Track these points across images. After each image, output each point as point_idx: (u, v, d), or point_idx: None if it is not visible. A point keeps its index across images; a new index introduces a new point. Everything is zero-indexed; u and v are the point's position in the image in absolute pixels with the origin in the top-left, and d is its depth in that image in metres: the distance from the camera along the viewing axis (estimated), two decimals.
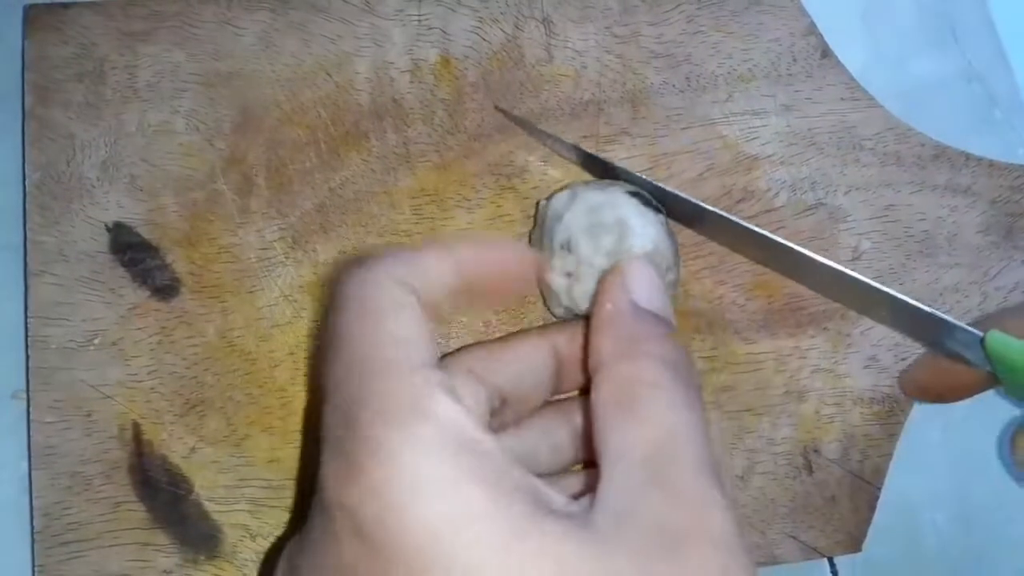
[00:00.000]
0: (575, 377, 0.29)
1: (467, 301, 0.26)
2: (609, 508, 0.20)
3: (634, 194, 0.30)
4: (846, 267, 0.31)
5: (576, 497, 0.22)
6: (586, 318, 0.28)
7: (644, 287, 0.26)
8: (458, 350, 0.29)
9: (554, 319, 0.32)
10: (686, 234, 0.33)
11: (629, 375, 0.23)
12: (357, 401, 0.20)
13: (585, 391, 0.29)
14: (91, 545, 0.30)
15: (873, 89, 0.36)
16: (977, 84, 0.39)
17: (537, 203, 0.33)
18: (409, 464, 0.19)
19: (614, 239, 0.29)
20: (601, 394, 0.23)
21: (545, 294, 0.31)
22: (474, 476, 0.19)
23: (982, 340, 0.29)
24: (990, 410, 0.36)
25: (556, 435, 0.29)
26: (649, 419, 0.22)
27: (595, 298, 0.28)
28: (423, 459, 0.19)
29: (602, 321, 0.26)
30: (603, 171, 0.33)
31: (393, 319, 0.22)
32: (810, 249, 0.34)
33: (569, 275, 0.29)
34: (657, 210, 0.30)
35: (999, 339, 0.29)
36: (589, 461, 0.30)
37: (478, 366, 0.27)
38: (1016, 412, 0.36)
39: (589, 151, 0.34)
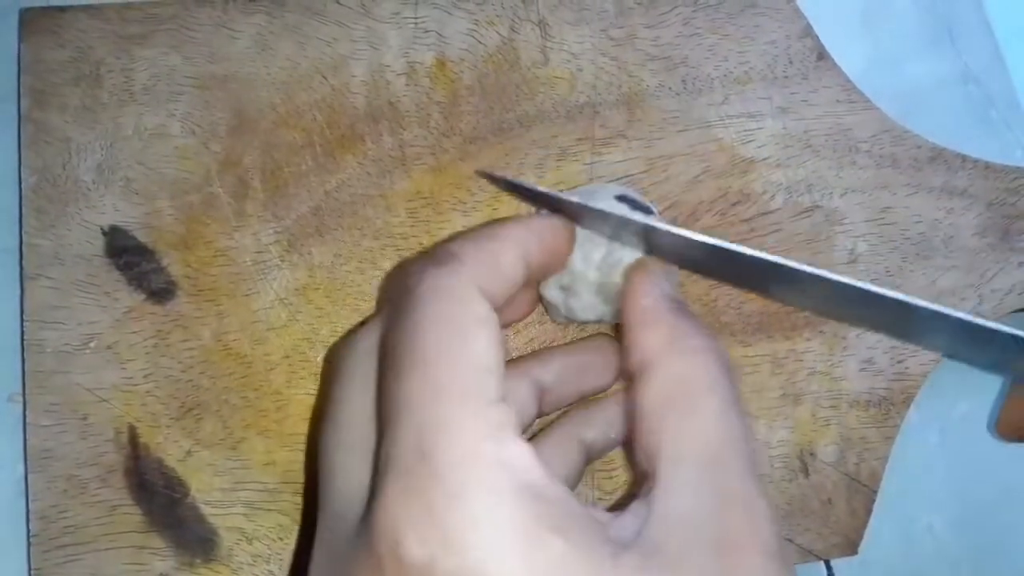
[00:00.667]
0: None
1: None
2: (668, 516, 0.20)
3: (621, 198, 0.30)
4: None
5: (613, 508, 0.21)
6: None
7: (669, 285, 0.26)
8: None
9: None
10: None
11: (683, 373, 0.22)
12: (434, 433, 0.19)
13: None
14: (87, 548, 0.30)
15: (870, 91, 0.36)
16: (974, 86, 0.39)
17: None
18: (490, 516, 0.18)
19: (603, 252, 0.28)
20: (652, 393, 0.22)
21: (544, 304, 0.31)
22: (552, 526, 0.19)
23: None
24: (987, 413, 0.37)
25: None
26: (706, 423, 0.21)
27: (622, 296, 0.27)
28: (504, 511, 0.19)
29: (643, 317, 0.24)
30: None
31: (477, 340, 0.21)
32: (807, 252, 0.35)
33: (564, 289, 0.29)
34: (647, 211, 0.30)
35: None
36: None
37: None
38: None
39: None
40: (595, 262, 0.28)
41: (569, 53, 0.35)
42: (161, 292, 0.32)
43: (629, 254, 0.28)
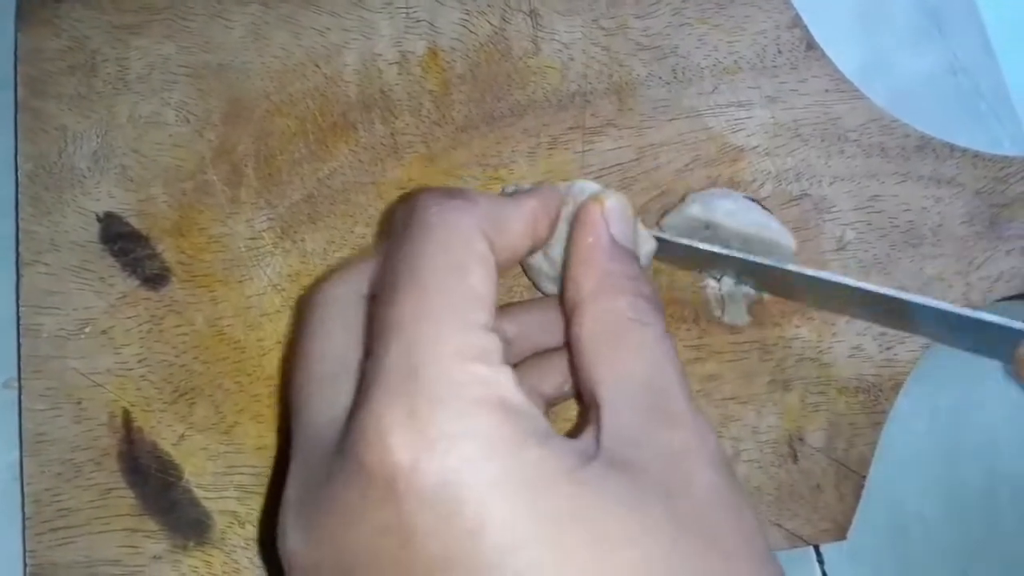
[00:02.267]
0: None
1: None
2: (618, 433, 0.22)
3: None
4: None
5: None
6: None
7: (619, 222, 0.26)
8: None
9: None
10: None
11: (614, 310, 0.24)
12: (423, 351, 0.20)
13: None
14: (81, 531, 0.31)
15: (859, 81, 0.36)
16: (963, 77, 0.40)
17: None
18: (472, 425, 0.20)
19: (563, 188, 0.28)
20: (586, 329, 0.24)
21: (531, 277, 0.31)
22: (528, 438, 0.20)
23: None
24: (976, 400, 0.37)
25: None
26: (639, 352, 0.23)
27: (572, 231, 0.27)
28: (485, 421, 0.20)
29: (583, 255, 0.26)
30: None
31: (473, 274, 0.22)
32: (795, 240, 0.35)
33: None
34: None
35: None
36: None
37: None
38: None
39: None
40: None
41: (560, 43, 0.36)
42: (155, 278, 0.33)
43: (591, 186, 0.28)
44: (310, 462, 0.22)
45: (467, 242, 0.22)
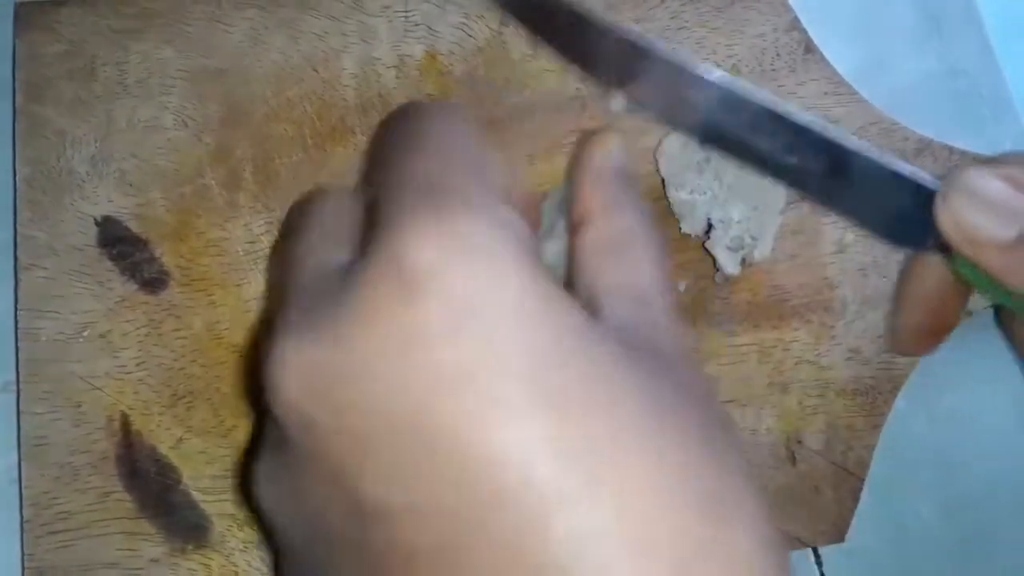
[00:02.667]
0: None
1: None
2: (616, 322, 0.23)
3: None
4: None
5: None
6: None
7: (623, 154, 0.28)
8: None
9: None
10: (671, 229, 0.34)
11: (620, 227, 0.26)
12: (447, 189, 0.21)
13: None
14: (79, 534, 0.31)
15: (858, 84, 0.36)
16: (962, 79, 0.39)
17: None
18: (502, 248, 0.20)
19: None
20: (590, 240, 0.26)
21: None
22: (547, 278, 0.20)
23: None
24: (974, 402, 0.37)
25: None
26: (636, 266, 0.25)
27: (582, 157, 0.28)
28: (510, 247, 0.20)
29: (591, 176, 0.27)
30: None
31: (481, 146, 0.23)
32: (794, 243, 0.35)
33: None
34: None
35: None
36: None
37: None
38: None
39: None
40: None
41: None
42: (153, 282, 0.33)
43: None
44: (311, 290, 0.22)
45: (467, 122, 0.24)
